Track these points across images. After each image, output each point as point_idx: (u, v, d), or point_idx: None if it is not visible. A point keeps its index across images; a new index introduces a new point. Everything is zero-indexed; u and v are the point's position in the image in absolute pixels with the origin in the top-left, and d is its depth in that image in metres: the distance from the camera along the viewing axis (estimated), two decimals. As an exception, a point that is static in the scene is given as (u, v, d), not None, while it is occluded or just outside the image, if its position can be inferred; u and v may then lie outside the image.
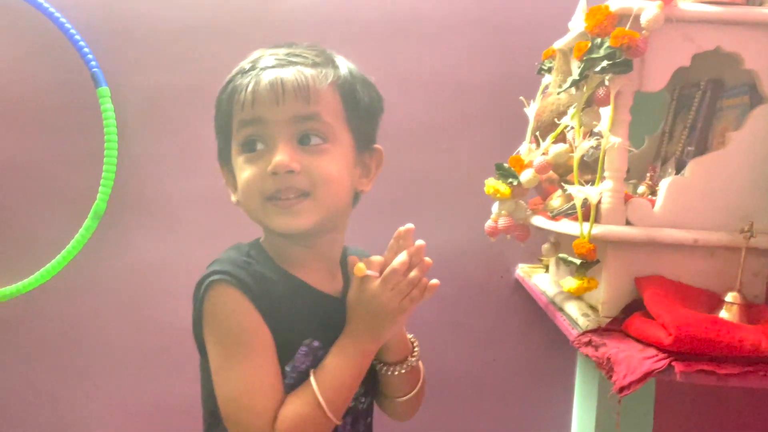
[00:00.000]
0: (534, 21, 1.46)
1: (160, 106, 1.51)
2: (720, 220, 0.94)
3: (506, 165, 1.11)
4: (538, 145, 1.17)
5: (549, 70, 1.23)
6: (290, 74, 0.79)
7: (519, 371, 1.54)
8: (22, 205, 1.52)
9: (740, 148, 0.94)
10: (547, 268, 1.40)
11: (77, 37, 1.43)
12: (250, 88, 0.79)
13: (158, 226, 1.52)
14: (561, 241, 1.20)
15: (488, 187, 1.11)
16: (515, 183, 1.09)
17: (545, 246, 1.23)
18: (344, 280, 0.90)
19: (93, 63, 1.43)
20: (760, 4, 0.93)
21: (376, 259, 0.83)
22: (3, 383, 1.55)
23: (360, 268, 0.82)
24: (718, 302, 0.91)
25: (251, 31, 1.50)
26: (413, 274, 0.82)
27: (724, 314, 0.89)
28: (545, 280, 1.29)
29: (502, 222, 1.12)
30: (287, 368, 0.81)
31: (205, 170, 1.51)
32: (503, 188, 1.09)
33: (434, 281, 0.84)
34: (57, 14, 1.42)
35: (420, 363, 0.93)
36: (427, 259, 0.84)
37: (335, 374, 0.80)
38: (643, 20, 0.88)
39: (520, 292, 1.51)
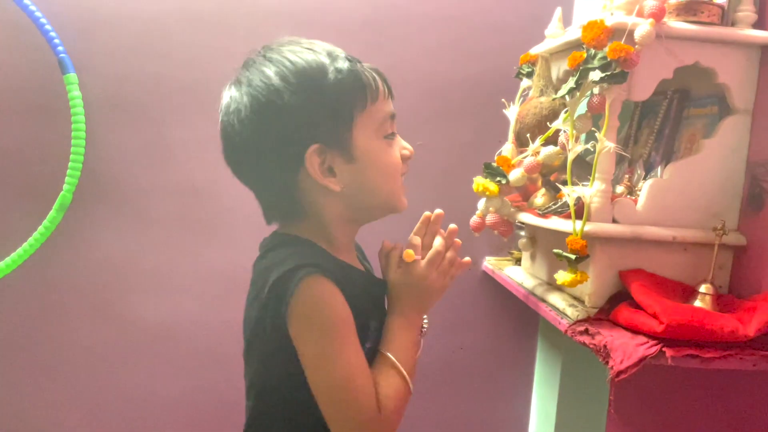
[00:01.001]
0: (510, 23, 1.53)
1: (129, 94, 1.46)
2: (694, 219, 1.05)
3: (494, 164, 1.17)
4: (520, 145, 1.24)
5: (528, 74, 1.30)
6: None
7: (484, 358, 1.62)
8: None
9: (712, 154, 1.04)
10: (516, 261, 1.48)
11: (43, 20, 1.36)
12: (382, 82, 0.87)
13: (127, 217, 1.49)
14: (538, 236, 1.28)
15: (477, 184, 1.17)
16: (503, 182, 1.15)
17: (522, 240, 1.30)
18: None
19: (60, 49, 1.37)
20: (732, 24, 1.03)
21: (416, 241, 0.92)
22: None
23: (410, 253, 0.91)
24: (691, 293, 1.01)
25: (221, 21, 1.49)
26: (450, 254, 0.93)
27: (698, 304, 0.99)
28: (519, 273, 1.37)
29: (490, 218, 1.18)
30: None
31: (174, 160, 1.49)
32: (492, 186, 1.15)
33: (467, 258, 0.96)
34: (28, 2, 1.35)
35: None
36: (457, 240, 0.95)
37: (406, 349, 0.88)
38: (637, 35, 0.96)
39: (486, 283, 1.59)
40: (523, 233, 1.32)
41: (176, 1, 1.47)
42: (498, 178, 1.16)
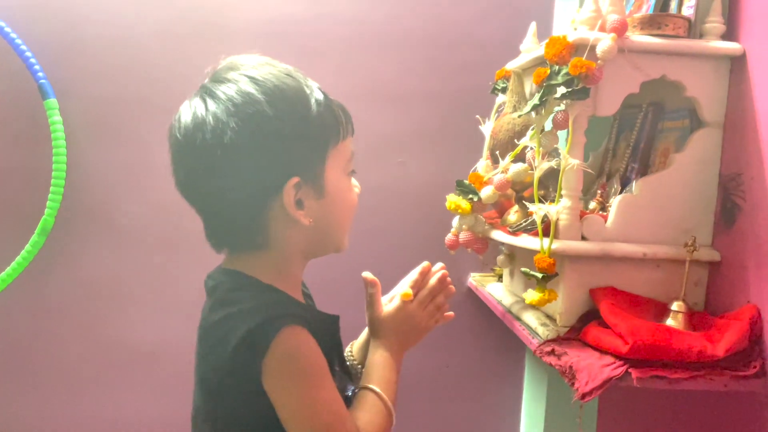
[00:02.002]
0: (486, 39, 1.52)
1: (109, 117, 1.48)
2: (665, 235, 1.03)
3: (466, 181, 1.16)
4: (495, 162, 1.23)
5: (503, 90, 1.29)
6: None
7: (470, 376, 1.60)
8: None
9: (682, 168, 1.02)
10: (499, 277, 1.47)
11: (23, 47, 1.38)
12: (347, 119, 0.86)
13: (110, 239, 1.49)
14: (516, 253, 1.27)
15: (450, 202, 1.16)
16: (475, 199, 1.14)
17: (500, 257, 1.29)
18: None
19: (40, 75, 1.39)
20: (700, 37, 1.02)
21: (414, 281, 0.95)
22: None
23: (408, 293, 0.93)
24: (663, 310, 0.99)
25: (199, 42, 1.49)
26: (440, 299, 0.96)
27: (670, 322, 0.96)
28: (500, 290, 1.35)
29: (463, 236, 1.17)
30: None
31: (156, 182, 1.49)
32: (464, 204, 1.14)
33: (450, 313, 0.99)
34: (4, 25, 1.37)
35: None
36: (451, 286, 0.97)
37: (391, 383, 0.88)
38: (599, 51, 0.94)
39: (472, 299, 1.57)
40: (506, 250, 1.31)
41: (155, 24, 1.48)
42: (470, 196, 1.15)
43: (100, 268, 1.49)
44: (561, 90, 0.96)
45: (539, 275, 0.99)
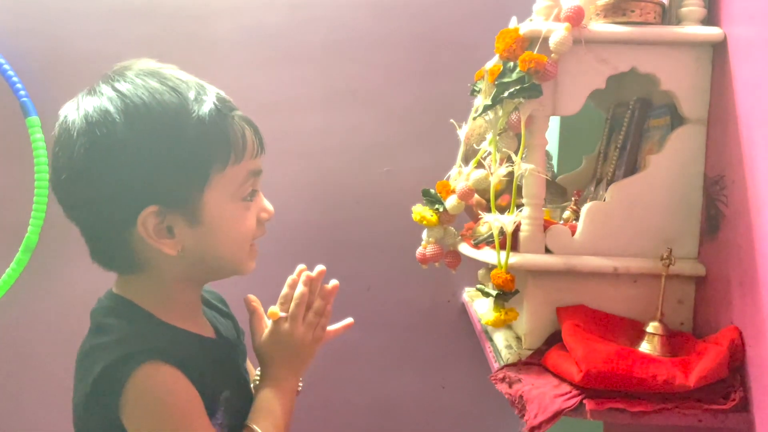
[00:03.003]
0: (472, 40, 1.44)
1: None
2: (642, 246, 0.91)
3: (432, 191, 1.08)
4: (471, 169, 1.14)
5: (480, 91, 1.20)
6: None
7: (468, 397, 1.50)
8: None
9: (659, 171, 0.91)
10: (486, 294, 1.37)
11: (6, 66, 1.39)
12: (250, 136, 0.77)
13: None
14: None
15: (415, 213, 1.08)
16: (441, 209, 1.06)
17: (480, 271, 1.19)
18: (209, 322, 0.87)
19: (22, 93, 1.40)
20: (678, 23, 0.90)
21: (283, 296, 0.85)
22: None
23: (274, 312, 0.84)
24: (641, 332, 0.87)
25: (184, 55, 1.47)
26: (317, 303, 0.85)
27: (645, 346, 0.85)
28: (484, 306, 1.25)
29: (430, 249, 1.08)
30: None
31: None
32: (429, 215, 1.06)
33: (334, 282, 0.88)
34: (-16, 43, 1.39)
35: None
36: (333, 281, 0.88)
37: (276, 418, 0.79)
38: (551, 43, 0.85)
39: (467, 316, 1.47)
40: (489, 264, 1.21)
41: (137, 39, 1.46)
42: (436, 206, 1.07)
43: (86, 282, 1.48)
44: (512, 88, 0.87)
45: (494, 293, 0.90)
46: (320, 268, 0.87)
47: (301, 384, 0.87)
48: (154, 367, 0.69)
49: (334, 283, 0.88)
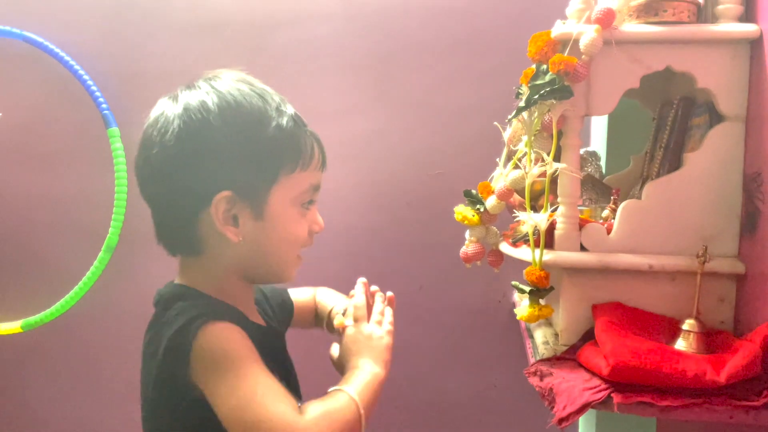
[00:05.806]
0: (518, 44, 1.45)
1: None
2: (679, 244, 0.91)
3: (474, 191, 1.11)
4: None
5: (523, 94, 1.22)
6: None
7: (520, 397, 1.51)
8: (43, 239, 1.62)
9: (697, 169, 0.91)
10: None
11: (89, 81, 1.53)
12: (318, 152, 0.86)
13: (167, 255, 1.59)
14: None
15: (457, 213, 1.11)
16: (482, 209, 1.09)
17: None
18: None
19: (104, 106, 1.53)
20: (714, 21, 0.90)
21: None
22: (30, 409, 1.66)
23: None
24: (677, 329, 0.88)
25: (252, 68, 1.56)
26: (381, 306, 0.92)
27: (681, 343, 0.85)
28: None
29: (472, 248, 1.11)
30: None
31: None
32: (471, 215, 1.09)
33: (389, 293, 0.96)
34: (70, 60, 1.53)
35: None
36: (388, 293, 0.95)
37: (367, 386, 0.79)
38: (581, 45, 0.87)
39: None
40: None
41: (208, 56, 1.55)
42: (477, 206, 1.10)
43: (161, 278, 1.59)
44: (545, 90, 0.89)
45: (527, 289, 0.92)
46: (375, 290, 0.96)
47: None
48: (213, 326, 0.74)
49: (389, 294, 0.95)
